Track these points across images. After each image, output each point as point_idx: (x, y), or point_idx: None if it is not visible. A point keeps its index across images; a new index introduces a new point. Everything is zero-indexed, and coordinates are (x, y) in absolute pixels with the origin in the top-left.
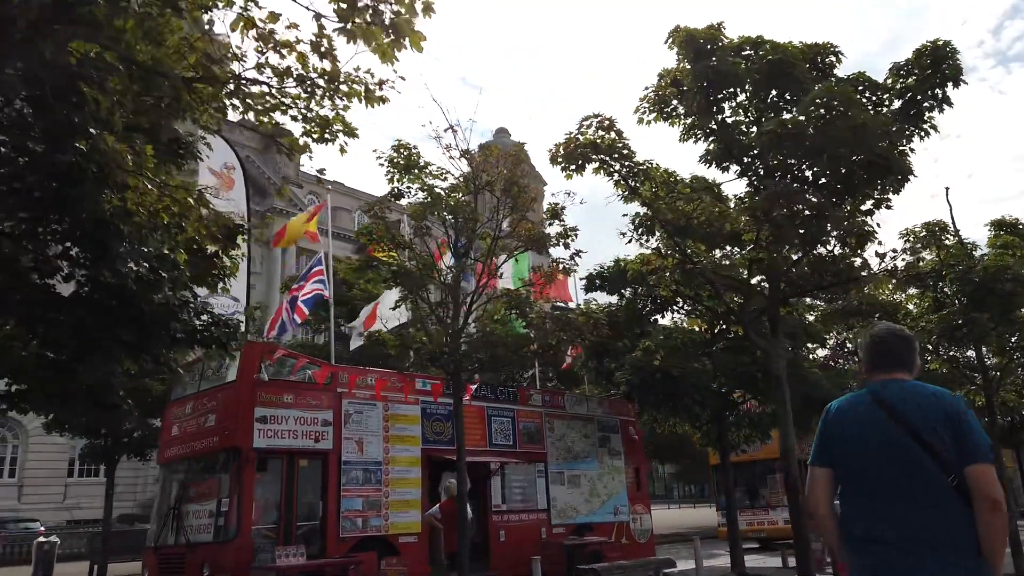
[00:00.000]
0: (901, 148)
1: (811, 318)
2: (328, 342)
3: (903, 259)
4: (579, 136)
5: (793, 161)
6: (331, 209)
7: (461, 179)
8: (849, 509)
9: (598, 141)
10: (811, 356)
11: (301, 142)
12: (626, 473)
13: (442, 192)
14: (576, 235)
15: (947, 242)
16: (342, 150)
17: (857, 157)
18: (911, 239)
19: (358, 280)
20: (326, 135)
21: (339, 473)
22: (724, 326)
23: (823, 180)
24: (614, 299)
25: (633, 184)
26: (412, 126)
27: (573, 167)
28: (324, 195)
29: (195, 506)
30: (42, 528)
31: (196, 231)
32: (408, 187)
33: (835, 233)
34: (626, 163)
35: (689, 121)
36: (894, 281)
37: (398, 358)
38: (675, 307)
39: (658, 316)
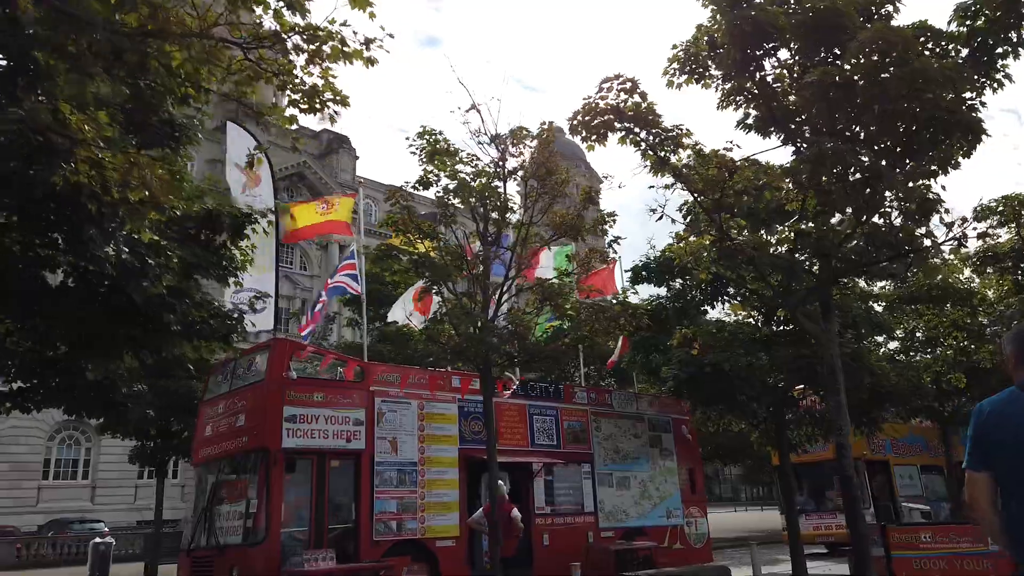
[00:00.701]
0: (970, 101)
1: (879, 308)
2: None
3: (973, 228)
4: (599, 101)
5: (843, 122)
6: (381, 211)
7: (491, 165)
8: (1018, 515)
9: (620, 105)
10: (880, 350)
11: (288, 114)
12: (680, 474)
13: (467, 176)
14: (614, 221)
15: None
16: (332, 119)
17: (917, 110)
18: (985, 213)
19: (380, 271)
20: (315, 104)
21: (372, 474)
22: (779, 316)
23: (879, 142)
24: (662, 291)
25: (662, 154)
26: (457, 126)
27: (594, 137)
28: (379, 199)
29: (225, 508)
30: (106, 529)
31: (140, 199)
32: (436, 175)
33: (894, 201)
34: (653, 130)
35: (728, 86)
36: (962, 254)
37: (424, 352)
38: (725, 296)
39: (707, 307)
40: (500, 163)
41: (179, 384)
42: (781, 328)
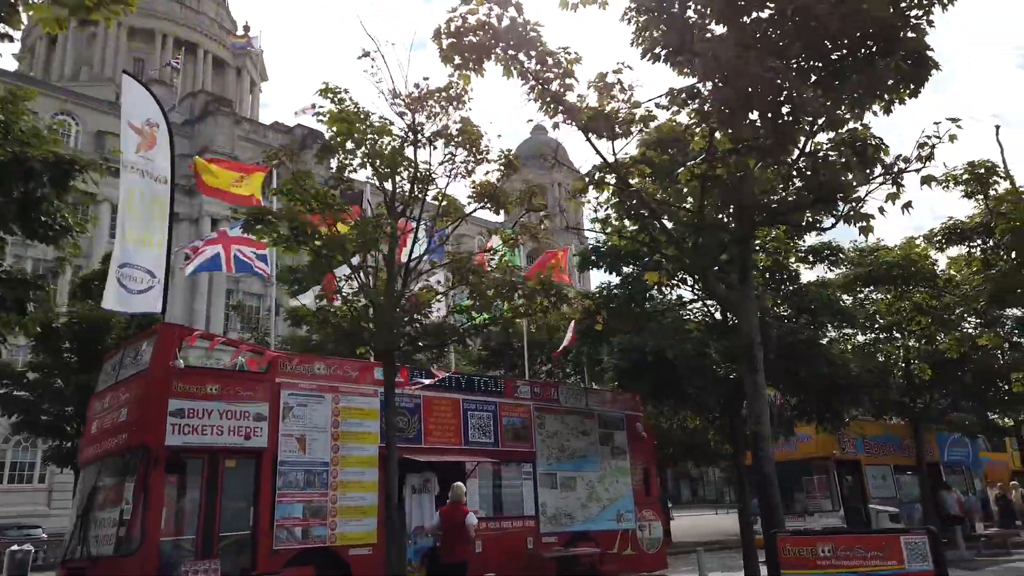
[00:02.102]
0: (915, 21)
1: (847, 299)
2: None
3: (916, 171)
4: (467, 16)
5: (753, 37)
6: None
7: (405, 130)
8: None
9: (495, 22)
10: (849, 342)
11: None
12: (633, 474)
13: (365, 131)
14: (543, 194)
15: (997, 189)
16: (107, 22)
17: (846, 23)
18: (950, 183)
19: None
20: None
21: (274, 475)
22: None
23: (801, 64)
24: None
25: (554, 88)
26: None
27: (471, 65)
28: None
29: (102, 514)
30: (44, 535)
31: None
32: (341, 140)
33: (827, 145)
34: (536, 54)
35: (644, 19)
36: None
37: (317, 336)
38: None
39: (656, 291)
40: (406, 116)
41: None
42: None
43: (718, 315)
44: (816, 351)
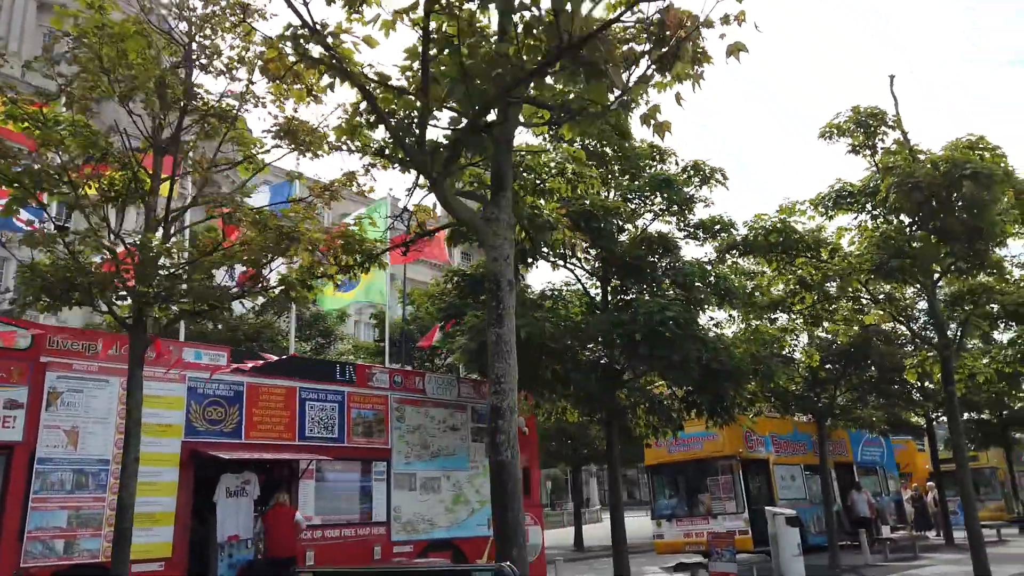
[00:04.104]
0: None
1: (750, 283)
2: None
3: (722, 33)
4: None
5: None
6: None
7: (185, 48)
8: None
9: None
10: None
11: None
12: None
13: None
14: (371, 136)
15: (885, 141)
16: None
17: None
18: (833, 134)
19: None
20: None
21: (29, 475)
22: (618, 281)
23: None
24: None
25: None
26: None
27: None
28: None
29: None
30: None
31: None
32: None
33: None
34: None
35: None
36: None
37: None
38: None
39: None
40: (184, 32)
41: None
42: (620, 297)
43: (597, 293)
44: (689, 332)
